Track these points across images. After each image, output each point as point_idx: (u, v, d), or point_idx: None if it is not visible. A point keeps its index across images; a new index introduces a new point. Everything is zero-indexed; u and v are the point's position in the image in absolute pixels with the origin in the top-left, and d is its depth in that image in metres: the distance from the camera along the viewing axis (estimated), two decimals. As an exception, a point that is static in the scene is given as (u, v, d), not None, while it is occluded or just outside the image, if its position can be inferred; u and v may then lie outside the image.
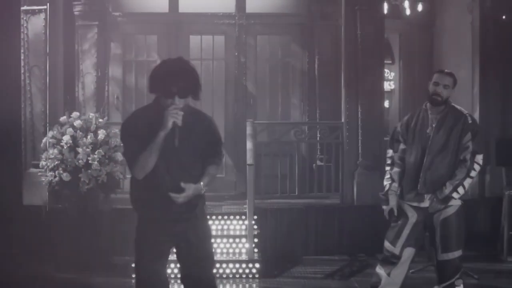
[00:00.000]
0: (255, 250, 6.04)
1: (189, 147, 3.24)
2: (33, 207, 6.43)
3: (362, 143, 6.88)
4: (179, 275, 3.54)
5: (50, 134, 6.16)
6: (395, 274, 4.26)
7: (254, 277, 5.84)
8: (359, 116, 6.93)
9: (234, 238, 6.19)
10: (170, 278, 5.46)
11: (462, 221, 4.27)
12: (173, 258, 3.60)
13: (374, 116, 6.91)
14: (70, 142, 5.99)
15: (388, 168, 4.37)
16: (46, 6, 6.81)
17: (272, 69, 8.25)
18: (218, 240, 6.14)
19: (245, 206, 6.15)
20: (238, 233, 6.29)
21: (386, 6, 7.55)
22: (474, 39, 7.60)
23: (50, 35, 6.81)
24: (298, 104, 8.21)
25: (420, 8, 8.03)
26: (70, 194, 6.08)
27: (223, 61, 8.16)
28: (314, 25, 8.04)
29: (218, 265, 5.84)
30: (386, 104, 8.76)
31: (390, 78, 9.10)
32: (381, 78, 7.18)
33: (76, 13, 7.66)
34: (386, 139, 5.80)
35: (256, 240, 6.09)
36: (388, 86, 8.93)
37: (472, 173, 4.16)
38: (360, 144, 6.93)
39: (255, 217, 6.29)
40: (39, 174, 6.37)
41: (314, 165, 7.66)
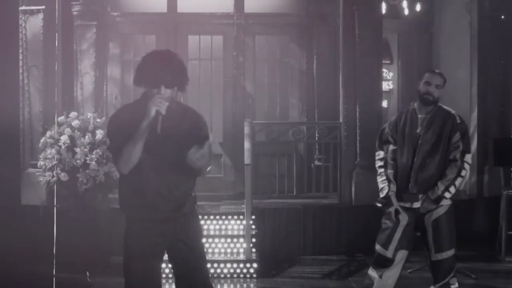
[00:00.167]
0: (253, 250, 6.06)
1: (175, 143, 3.12)
2: (31, 207, 6.44)
3: (360, 143, 6.88)
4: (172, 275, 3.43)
5: (48, 134, 6.17)
6: (388, 276, 4.25)
7: (251, 277, 5.85)
8: (357, 116, 6.93)
9: (232, 238, 6.21)
10: (166, 278, 5.48)
11: (453, 220, 4.27)
12: (166, 258, 3.46)
13: (372, 116, 6.90)
14: (68, 142, 6.00)
15: (382, 170, 4.34)
16: (44, 6, 6.83)
17: (270, 69, 8.25)
18: (216, 240, 6.17)
19: (243, 206, 6.15)
20: (236, 233, 6.31)
21: (384, 6, 7.54)
22: (472, 39, 7.61)
23: (48, 35, 6.82)
24: (297, 104, 8.21)
25: (418, 8, 8.03)
26: (68, 194, 6.09)
27: (222, 61, 8.15)
28: (312, 25, 8.04)
29: (215, 265, 5.86)
30: (385, 104, 8.75)
31: (388, 78, 9.09)
32: (379, 78, 7.18)
33: (74, 13, 7.66)
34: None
35: (254, 240, 6.11)
36: (386, 86, 8.92)
37: (462, 172, 4.17)
38: (358, 144, 6.93)
39: (253, 217, 6.32)
40: (37, 174, 6.39)
41: (312, 165, 7.66)
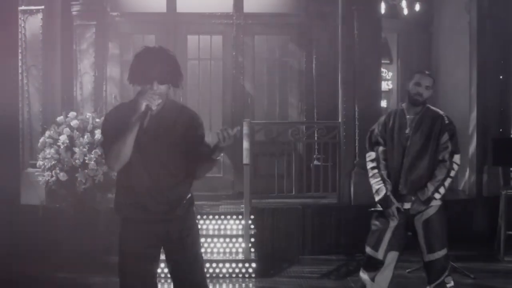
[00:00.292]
0: (252, 249, 6.06)
1: (168, 143, 3.06)
2: (30, 207, 6.45)
3: (359, 143, 6.87)
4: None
5: (47, 134, 6.17)
6: (380, 279, 4.22)
7: (250, 276, 5.85)
8: (356, 116, 6.94)
9: (230, 238, 6.21)
10: (161, 277, 5.47)
11: (444, 220, 4.25)
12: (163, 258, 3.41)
13: (371, 116, 6.80)
14: (67, 142, 6.02)
15: (375, 170, 4.31)
16: (43, 6, 6.85)
17: (269, 68, 8.25)
18: (215, 239, 6.17)
19: (242, 205, 6.16)
20: (234, 232, 6.31)
21: (383, 6, 7.54)
22: (471, 39, 7.61)
23: (47, 35, 6.84)
24: (296, 103, 8.20)
25: (417, 7, 8.02)
26: (67, 193, 6.10)
27: (221, 61, 8.15)
28: (312, 25, 8.02)
29: (214, 264, 5.87)
30: (384, 103, 8.75)
31: (388, 77, 9.08)
32: (378, 78, 7.19)
33: (74, 13, 7.65)
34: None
35: (252, 239, 6.11)
36: (386, 85, 8.92)
37: (451, 173, 4.16)
38: (357, 144, 6.93)
39: (252, 216, 6.32)
40: (36, 173, 6.40)
41: (311, 164, 7.65)
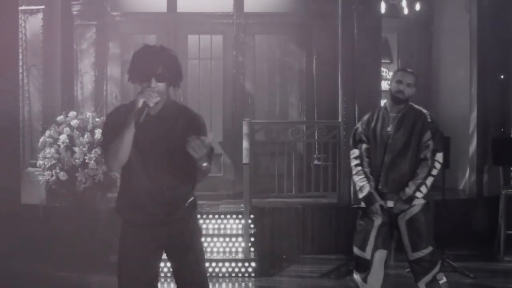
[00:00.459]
0: (251, 249, 6.06)
1: (169, 143, 2.99)
2: (31, 206, 6.46)
3: (360, 143, 6.87)
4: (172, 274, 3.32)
5: (47, 133, 6.18)
6: (372, 280, 4.21)
7: (250, 276, 5.86)
8: (356, 115, 6.91)
9: (230, 237, 6.22)
10: (161, 277, 5.49)
11: (428, 218, 4.24)
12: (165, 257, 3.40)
13: (371, 115, 6.89)
14: (67, 141, 6.02)
15: (359, 167, 4.29)
16: (44, 6, 6.86)
17: (270, 68, 8.25)
18: (215, 239, 6.18)
19: (242, 205, 6.17)
20: (234, 232, 6.32)
21: (383, 6, 7.52)
22: (472, 38, 7.61)
23: (47, 35, 6.85)
24: (296, 103, 8.21)
25: (418, 7, 8.01)
26: (67, 193, 6.10)
27: (221, 60, 8.16)
28: (312, 24, 8.02)
29: (214, 263, 5.87)
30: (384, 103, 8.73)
31: (388, 77, 9.05)
32: (378, 78, 7.17)
33: (74, 12, 7.68)
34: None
35: (252, 239, 6.12)
36: (386, 85, 8.89)
37: (433, 171, 4.12)
38: (357, 143, 6.92)
39: (252, 216, 6.33)
40: (37, 173, 6.41)
41: (311, 164, 7.65)
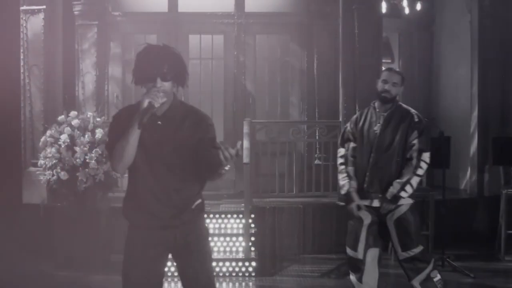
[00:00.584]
0: (252, 248, 6.07)
1: (175, 144, 2.93)
2: (32, 206, 6.47)
3: (360, 142, 6.88)
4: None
5: (48, 133, 6.19)
6: (367, 280, 4.23)
7: (250, 275, 5.86)
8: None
9: (231, 237, 6.22)
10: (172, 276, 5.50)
11: (416, 218, 4.25)
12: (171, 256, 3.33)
13: (372, 115, 6.89)
14: (68, 141, 6.02)
15: (342, 166, 4.32)
16: (45, 6, 6.87)
17: (271, 68, 8.26)
18: (215, 238, 6.18)
19: (243, 204, 6.17)
20: (235, 231, 6.31)
21: (384, 5, 7.53)
22: (473, 38, 7.61)
23: (49, 35, 6.86)
24: (297, 103, 8.21)
25: (419, 7, 8.01)
26: (68, 192, 6.11)
27: (222, 60, 8.17)
28: (313, 24, 8.03)
29: (215, 263, 5.87)
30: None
31: (389, 77, 9.06)
32: (378, 78, 7.15)
33: (75, 12, 7.71)
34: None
35: (253, 238, 6.13)
36: (387, 85, 8.89)
37: (419, 171, 4.12)
38: (358, 143, 6.93)
39: (253, 215, 6.33)
40: (38, 172, 6.42)
41: (312, 164, 7.66)
